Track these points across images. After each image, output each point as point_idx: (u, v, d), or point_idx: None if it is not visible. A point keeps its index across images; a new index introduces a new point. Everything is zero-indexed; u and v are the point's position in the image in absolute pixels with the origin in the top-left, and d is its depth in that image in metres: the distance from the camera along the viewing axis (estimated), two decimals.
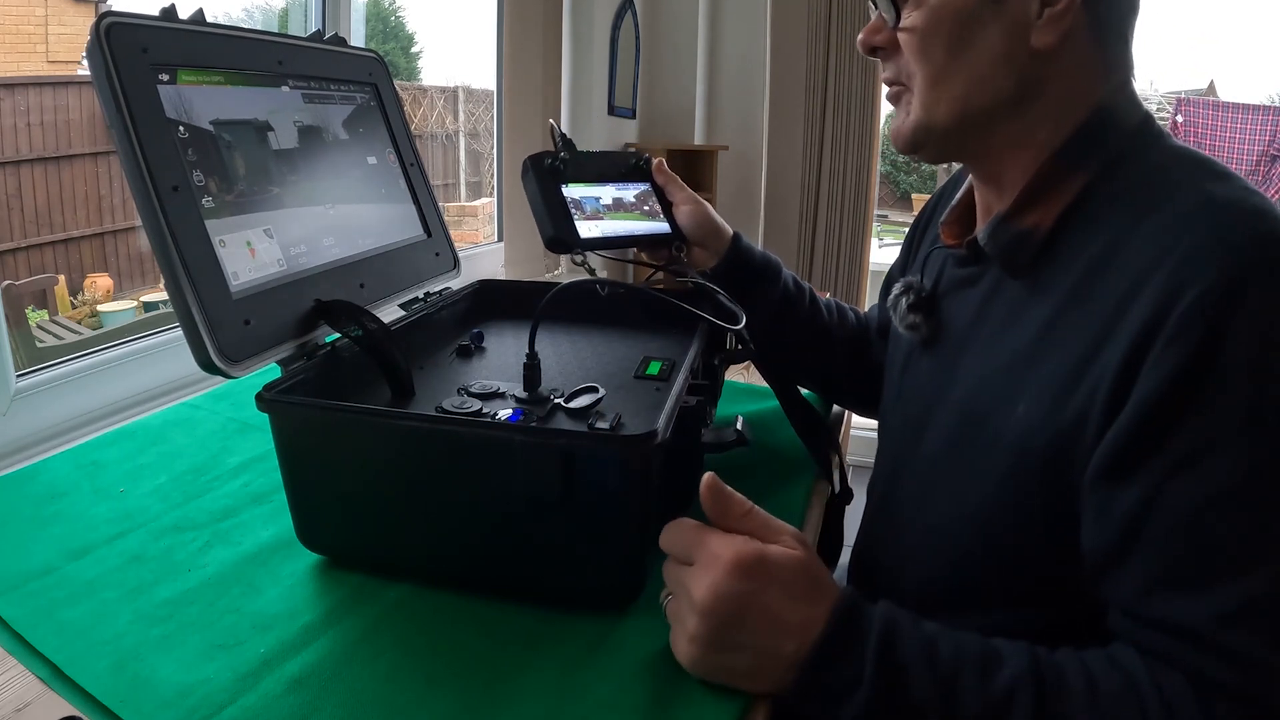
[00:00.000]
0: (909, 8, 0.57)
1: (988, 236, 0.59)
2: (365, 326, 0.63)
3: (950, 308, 0.65)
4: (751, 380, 1.03)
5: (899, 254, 0.85)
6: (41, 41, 2.82)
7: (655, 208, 0.86)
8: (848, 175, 2.15)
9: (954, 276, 0.66)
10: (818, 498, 0.75)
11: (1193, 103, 3.79)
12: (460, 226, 3.76)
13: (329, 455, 0.58)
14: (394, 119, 0.83)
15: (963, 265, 0.65)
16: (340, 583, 0.59)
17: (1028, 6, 0.54)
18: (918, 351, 0.69)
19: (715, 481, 0.51)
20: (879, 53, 0.61)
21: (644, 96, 2.29)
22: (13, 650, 0.52)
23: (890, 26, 0.59)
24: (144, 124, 0.54)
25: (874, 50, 0.61)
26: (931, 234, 0.73)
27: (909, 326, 0.67)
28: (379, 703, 0.48)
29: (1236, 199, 0.49)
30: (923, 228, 0.80)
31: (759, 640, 0.47)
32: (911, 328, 0.67)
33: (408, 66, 6.31)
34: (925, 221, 0.80)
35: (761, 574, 0.48)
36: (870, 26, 0.60)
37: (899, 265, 0.84)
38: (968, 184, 0.68)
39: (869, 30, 0.60)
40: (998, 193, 0.61)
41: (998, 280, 0.60)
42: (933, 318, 0.67)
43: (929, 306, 0.67)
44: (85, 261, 2.70)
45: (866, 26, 0.61)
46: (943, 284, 0.67)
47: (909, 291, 0.68)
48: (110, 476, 0.75)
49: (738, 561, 0.48)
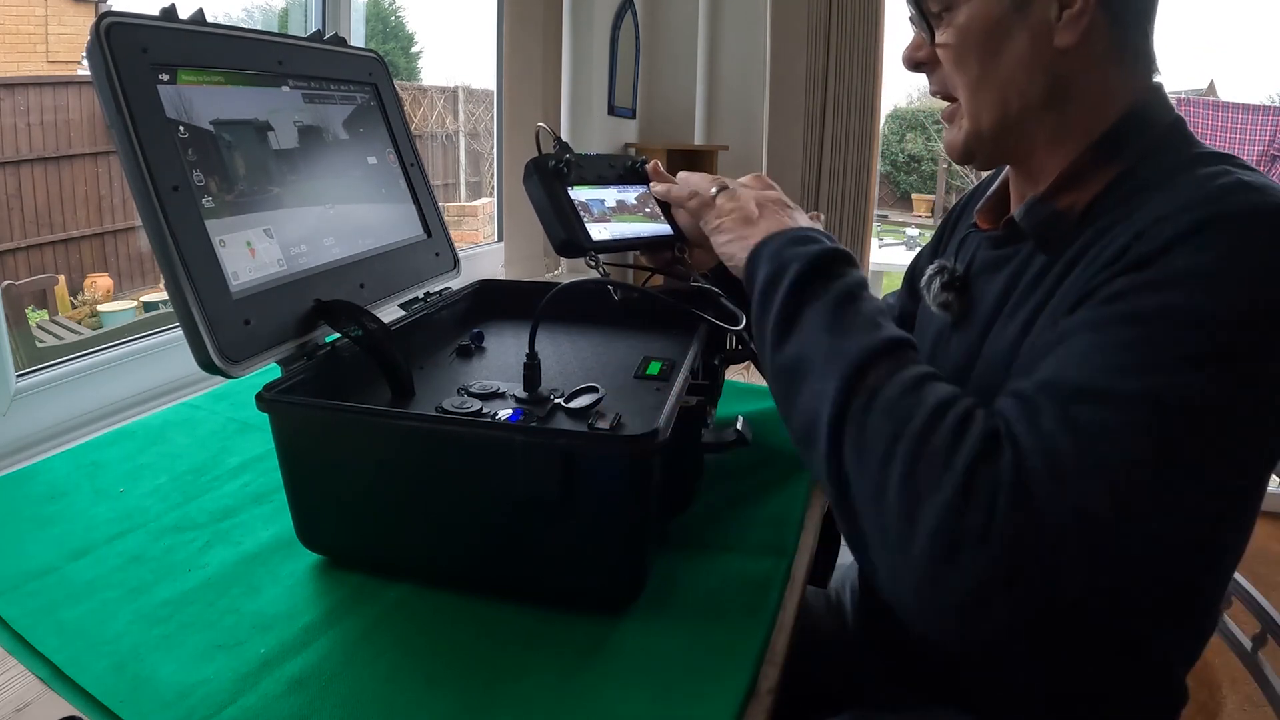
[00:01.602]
0: (943, 25, 0.60)
1: (1024, 214, 0.61)
2: (365, 326, 0.63)
3: (981, 287, 0.67)
4: (751, 380, 1.03)
5: (929, 244, 0.86)
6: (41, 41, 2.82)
7: (655, 209, 0.86)
8: (848, 175, 2.15)
9: (986, 259, 0.67)
10: (818, 498, 0.75)
11: (1193, 103, 3.79)
12: (460, 226, 3.77)
13: (329, 455, 0.58)
14: (394, 119, 0.83)
15: (997, 247, 0.66)
16: (340, 583, 0.59)
17: (1048, 9, 0.56)
18: (947, 330, 0.70)
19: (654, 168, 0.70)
20: (922, 68, 0.64)
21: (644, 96, 2.29)
22: (13, 650, 0.52)
23: (930, 44, 0.62)
24: (144, 124, 0.54)
25: (918, 66, 0.64)
26: (965, 221, 0.75)
27: (942, 305, 0.69)
28: (379, 703, 0.48)
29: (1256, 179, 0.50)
30: (955, 218, 0.82)
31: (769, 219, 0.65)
32: (944, 306, 0.69)
33: (408, 66, 6.31)
34: (958, 213, 0.82)
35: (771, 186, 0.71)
36: (913, 44, 0.64)
37: (927, 254, 0.85)
38: (1003, 176, 0.71)
39: (912, 47, 0.64)
40: (1035, 184, 0.63)
41: (1027, 258, 0.62)
42: (964, 296, 0.68)
43: (962, 286, 0.69)
44: (85, 261, 2.70)
45: (909, 44, 0.65)
46: (975, 265, 0.69)
47: (942, 272, 0.70)
48: (110, 476, 0.75)
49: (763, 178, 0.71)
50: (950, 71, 0.61)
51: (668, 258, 0.85)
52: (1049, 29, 0.57)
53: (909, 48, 0.65)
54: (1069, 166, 0.59)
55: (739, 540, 0.67)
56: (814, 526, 0.72)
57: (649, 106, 2.32)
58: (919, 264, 0.84)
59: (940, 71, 0.63)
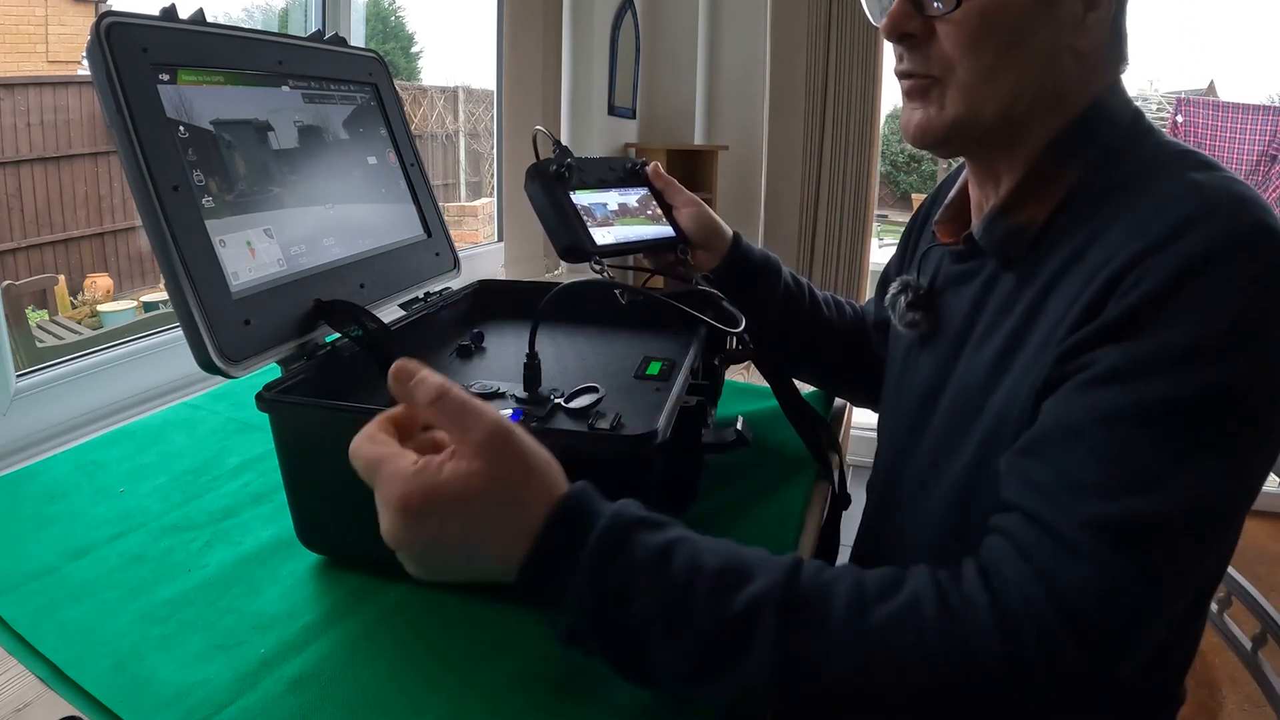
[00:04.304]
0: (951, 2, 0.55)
1: (983, 231, 0.60)
2: (365, 326, 0.63)
3: (948, 303, 0.66)
4: (751, 380, 1.03)
5: (895, 253, 0.85)
6: (41, 41, 2.82)
7: (657, 211, 0.86)
8: (848, 175, 2.15)
9: (951, 272, 0.66)
10: (818, 498, 0.75)
11: (1193, 103, 3.79)
12: (460, 226, 3.76)
13: (329, 455, 0.57)
14: (394, 119, 0.83)
15: (959, 261, 0.65)
16: (340, 583, 0.59)
17: (1075, 7, 0.54)
18: (916, 348, 0.69)
19: (402, 367, 0.44)
20: (907, 40, 0.58)
21: (644, 96, 2.29)
22: (13, 650, 0.52)
23: (921, 15, 0.56)
24: (144, 124, 0.54)
25: (903, 37, 0.58)
26: (928, 232, 0.73)
27: (908, 324, 0.68)
28: (379, 703, 0.48)
29: (1218, 185, 0.49)
30: (918, 227, 0.80)
31: (464, 566, 0.43)
32: (911, 325, 0.68)
33: (408, 66, 6.31)
34: (921, 221, 0.80)
35: (434, 513, 0.41)
36: (901, 11, 0.57)
37: (895, 264, 0.84)
38: (961, 182, 0.69)
39: (899, 15, 0.57)
40: (993, 188, 0.61)
41: (993, 273, 0.61)
42: (931, 313, 0.67)
43: (927, 303, 0.67)
44: (85, 261, 2.70)
45: (893, 11, 0.57)
46: (939, 280, 0.68)
47: (906, 290, 0.68)
48: (110, 476, 0.75)
49: (403, 504, 0.41)
50: (955, 52, 0.56)
51: (670, 259, 0.85)
52: (1071, 28, 0.54)
53: (895, 15, 0.57)
54: (1025, 175, 0.57)
55: (739, 540, 0.66)
56: (814, 526, 0.72)
57: (649, 106, 2.32)
58: (888, 273, 0.84)
59: (932, 47, 0.57)
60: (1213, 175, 0.50)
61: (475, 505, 0.42)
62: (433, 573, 0.44)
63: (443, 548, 0.43)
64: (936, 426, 0.64)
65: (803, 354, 0.89)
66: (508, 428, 0.43)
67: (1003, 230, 0.58)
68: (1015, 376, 0.54)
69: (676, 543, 0.43)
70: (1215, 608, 0.86)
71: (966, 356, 0.62)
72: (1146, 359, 0.45)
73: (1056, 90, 0.57)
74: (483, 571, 0.43)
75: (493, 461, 0.42)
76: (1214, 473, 0.44)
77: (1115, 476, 0.44)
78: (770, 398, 0.83)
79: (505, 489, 0.42)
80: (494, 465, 0.42)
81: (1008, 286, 0.59)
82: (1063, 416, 0.48)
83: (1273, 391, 0.45)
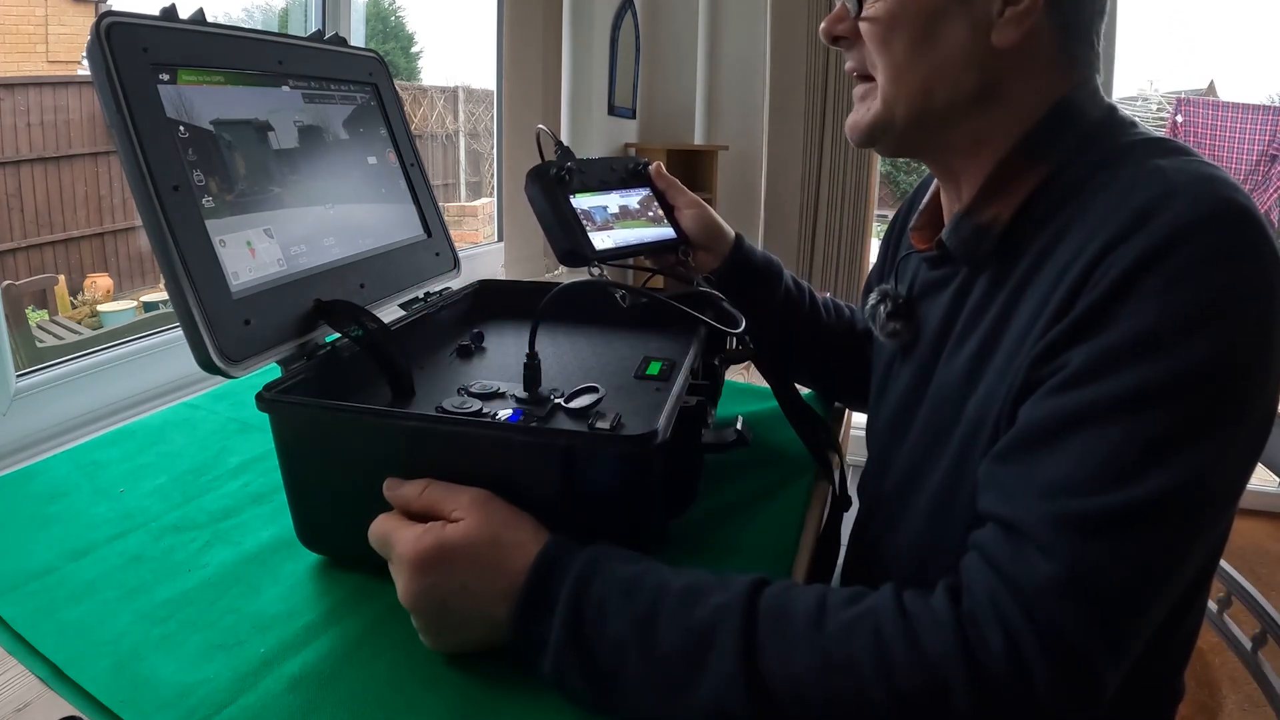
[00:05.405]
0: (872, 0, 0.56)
1: (950, 233, 0.59)
2: (365, 326, 0.63)
3: (926, 311, 0.66)
4: (751, 380, 1.03)
5: (875, 262, 0.85)
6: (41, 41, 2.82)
7: (658, 212, 0.86)
8: (848, 175, 2.15)
9: (927, 280, 0.66)
10: (818, 498, 0.75)
11: (1193, 103, 3.79)
12: (460, 226, 3.77)
13: (329, 455, 0.58)
14: (394, 119, 0.83)
15: (935, 267, 0.65)
16: (340, 583, 0.59)
17: (991, 4, 0.53)
18: (899, 358, 0.69)
19: (390, 482, 0.54)
20: (841, 42, 0.59)
21: (644, 96, 2.29)
22: (13, 650, 0.52)
23: (853, 15, 0.57)
24: (144, 124, 0.54)
25: (836, 40, 0.60)
26: (905, 240, 0.73)
27: (889, 334, 0.67)
28: (378, 703, 0.48)
29: (1181, 167, 0.48)
30: (897, 234, 0.80)
31: (472, 615, 0.49)
32: (892, 335, 0.67)
33: (408, 66, 6.31)
34: (899, 228, 0.80)
35: (443, 560, 0.49)
36: (834, 14, 0.59)
37: (875, 273, 0.84)
38: (934, 188, 0.68)
39: (833, 19, 0.59)
40: (958, 191, 0.61)
41: (967, 279, 0.60)
42: (911, 322, 0.67)
43: (907, 312, 0.67)
44: (85, 261, 2.70)
45: (830, 14, 0.59)
46: (917, 288, 0.67)
47: (886, 300, 0.68)
48: (110, 476, 0.75)
49: (417, 559, 0.49)
50: (872, 49, 0.57)
51: (671, 260, 0.85)
52: (990, 24, 0.53)
53: (830, 19, 0.59)
54: (991, 175, 0.56)
55: (739, 540, 0.67)
56: (814, 526, 0.72)
57: (649, 106, 2.32)
58: (870, 283, 0.83)
59: (861, 49, 0.58)
60: (1178, 159, 0.49)
61: (480, 548, 0.49)
62: (445, 631, 0.50)
63: (455, 594, 0.49)
64: (916, 435, 0.63)
65: (801, 357, 0.89)
66: (489, 491, 0.52)
67: (967, 230, 0.58)
68: (990, 382, 0.54)
69: (645, 571, 0.49)
70: (1215, 608, 0.86)
71: (943, 364, 0.61)
72: (1111, 353, 0.45)
73: (989, 90, 0.55)
74: (489, 618, 0.49)
75: (485, 514, 0.50)
76: (1191, 458, 0.43)
77: (1087, 474, 0.44)
78: (770, 398, 0.83)
79: (498, 534, 0.50)
80: (487, 516, 0.50)
81: (980, 291, 0.58)
82: (1036, 422, 0.47)
83: (1243, 367, 0.44)
